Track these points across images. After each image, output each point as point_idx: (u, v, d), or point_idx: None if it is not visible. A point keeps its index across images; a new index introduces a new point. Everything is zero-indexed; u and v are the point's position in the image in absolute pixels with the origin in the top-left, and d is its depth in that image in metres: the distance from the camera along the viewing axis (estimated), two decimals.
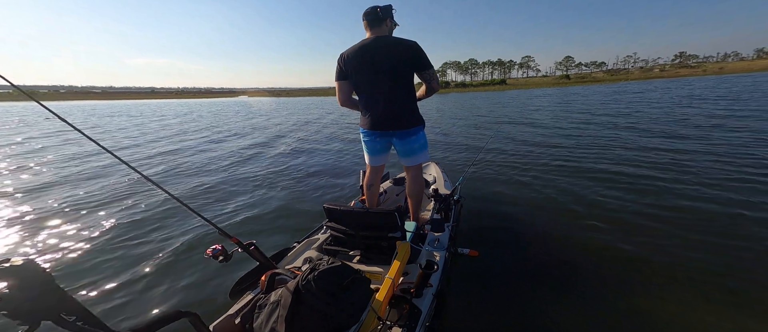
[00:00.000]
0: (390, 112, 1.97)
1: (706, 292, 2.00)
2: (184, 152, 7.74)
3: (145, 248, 2.93)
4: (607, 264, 2.38)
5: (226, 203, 4.09)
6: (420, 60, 1.89)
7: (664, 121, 8.41)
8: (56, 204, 4.17)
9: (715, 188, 3.55)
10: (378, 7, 1.92)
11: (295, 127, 12.80)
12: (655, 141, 6.13)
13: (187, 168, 6.07)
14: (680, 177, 3.96)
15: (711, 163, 4.43)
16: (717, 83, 26.20)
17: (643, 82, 48.14)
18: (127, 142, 9.89)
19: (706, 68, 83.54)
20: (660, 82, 43.13)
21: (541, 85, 62.60)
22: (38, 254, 2.87)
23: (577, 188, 3.88)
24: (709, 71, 70.70)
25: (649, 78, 65.29)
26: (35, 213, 3.87)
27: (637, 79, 66.55)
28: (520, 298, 2.07)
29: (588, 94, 24.79)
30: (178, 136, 10.66)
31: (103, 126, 15.15)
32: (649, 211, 3.11)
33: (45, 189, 4.88)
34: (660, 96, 17.30)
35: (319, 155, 6.93)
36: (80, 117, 21.89)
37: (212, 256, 1.37)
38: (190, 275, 2.47)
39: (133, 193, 4.46)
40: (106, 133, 12.49)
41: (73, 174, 5.76)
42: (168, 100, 75.63)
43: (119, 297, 2.25)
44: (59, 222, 3.57)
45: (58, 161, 6.90)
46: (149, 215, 3.68)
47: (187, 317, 1.10)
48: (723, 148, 5.17)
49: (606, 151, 5.54)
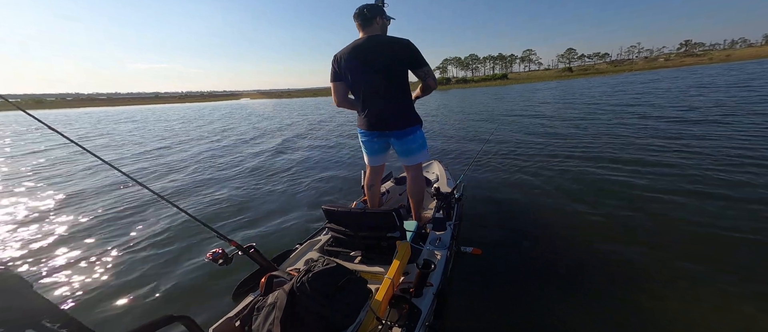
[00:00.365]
0: (386, 112, 1.96)
1: (714, 290, 1.95)
2: (193, 157, 7.78)
3: (143, 253, 2.95)
4: (613, 261, 2.34)
5: (226, 205, 4.11)
6: (414, 58, 1.88)
7: (671, 113, 8.26)
8: (49, 209, 4.22)
9: (722, 184, 3.45)
10: (365, 7, 1.91)
11: (304, 126, 12.89)
12: (662, 134, 6.05)
13: (188, 170, 6.12)
14: (688, 172, 3.86)
15: (722, 156, 4.32)
16: (723, 71, 25.76)
17: (648, 72, 47.50)
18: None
19: (712, 56, 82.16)
20: (666, 71, 42.52)
21: (544, 79, 62.15)
22: (26, 261, 2.86)
23: (582, 184, 3.83)
24: (715, 59, 69.57)
25: (654, 68, 64.43)
26: (25, 217, 3.93)
27: (642, 69, 65.70)
28: (523, 297, 2.05)
29: (591, 86, 24.59)
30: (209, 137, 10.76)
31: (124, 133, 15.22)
32: (657, 209, 3.04)
33: (37, 193, 4.95)
34: (668, 86, 16.98)
35: (322, 155, 6.94)
36: (89, 122, 22.19)
37: (212, 260, 1.38)
38: (190, 279, 2.49)
39: (132, 199, 4.48)
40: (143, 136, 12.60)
41: (61, 176, 5.87)
42: (173, 105, 76.37)
43: (118, 304, 2.26)
44: (51, 227, 3.60)
45: (48, 167, 7.02)
46: (148, 220, 3.70)
47: (179, 321, 1.10)
48: (733, 140, 5.05)
49: (610, 146, 5.47)
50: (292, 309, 1.12)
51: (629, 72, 57.53)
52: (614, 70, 76.34)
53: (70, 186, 5.43)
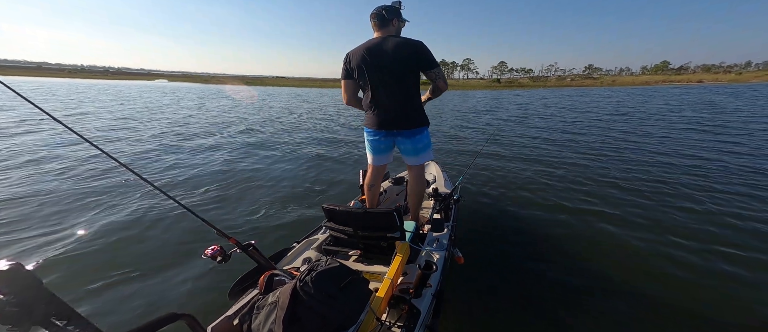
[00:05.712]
0: (396, 112, 1.97)
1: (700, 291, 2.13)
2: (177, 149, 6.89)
3: (141, 249, 2.80)
4: (611, 263, 2.44)
5: (225, 203, 3.90)
6: (426, 59, 1.89)
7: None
8: (47, 202, 3.70)
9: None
10: (383, 8, 1.93)
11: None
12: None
13: (182, 166, 5.50)
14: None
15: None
16: (611, 93, 31.21)
17: (556, 89, 55.03)
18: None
19: (603, 80, 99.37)
20: (568, 89, 49.68)
21: (477, 88, 67.52)
22: (27, 257, 2.62)
23: (584, 187, 4.17)
24: (604, 83, 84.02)
25: (562, 86, 74.87)
26: (25, 212, 3.42)
27: (553, 86, 75.85)
28: (522, 298, 2.09)
29: (516, 96, 27.56)
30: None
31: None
32: (649, 212, 3.34)
33: (34, 186, 4.23)
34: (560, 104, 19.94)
35: (317, 154, 6.70)
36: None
37: (210, 257, 1.34)
38: (188, 276, 2.40)
39: (128, 193, 4.05)
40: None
41: (57, 170, 4.95)
42: (54, 79, 63.41)
43: (114, 300, 2.15)
44: (50, 223, 3.21)
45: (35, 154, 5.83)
46: (145, 215, 3.44)
47: (182, 319, 1.10)
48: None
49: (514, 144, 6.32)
50: (295, 308, 1.11)
51: (543, 88, 65.99)
52: (533, 85, 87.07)
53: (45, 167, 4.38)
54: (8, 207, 3.51)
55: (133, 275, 2.43)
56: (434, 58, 1.93)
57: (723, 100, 17.82)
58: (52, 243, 2.84)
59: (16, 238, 2.90)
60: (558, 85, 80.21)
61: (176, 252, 2.74)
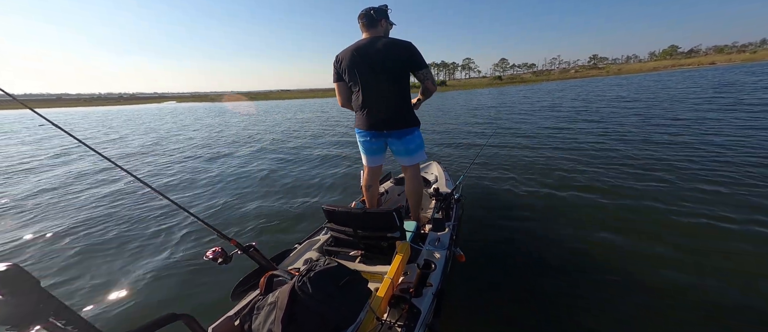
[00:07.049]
0: (386, 113, 1.97)
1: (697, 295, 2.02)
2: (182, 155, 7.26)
3: (143, 251, 2.86)
4: (612, 261, 2.37)
5: (225, 204, 4.00)
6: (415, 59, 1.90)
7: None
8: (49, 205, 3.94)
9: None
10: (372, 8, 1.94)
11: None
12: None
13: (186, 171, 5.84)
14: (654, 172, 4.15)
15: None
16: (618, 81, 30.53)
17: (560, 82, 53.76)
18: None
19: (608, 70, 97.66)
20: (573, 81, 48.43)
21: (478, 86, 67.14)
22: (28, 258, 2.75)
23: (587, 185, 3.93)
24: (610, 72, 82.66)
25: (566, 78, 73.46)
26: (27, 214, 3.65)
27: (557, 79, 74.65)
28: (523, 297, 2.07)
29: (518, 92, 27.17)
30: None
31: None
32: (654, 212, 3.11)
33: (35, 190, 4.57)
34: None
35: (316, 156, 6.81)
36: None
37: (212, 259, 1.35)
38: (190, 278, 2.44)
39: (130, 196, 4.23)
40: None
41: (63, 175, 5.36)
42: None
43: (116, 302, 2.20)
44: (52, 224, 3.38)
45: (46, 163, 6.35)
46: (147, 218, 3.56)
47: (181, 319, 1.11)
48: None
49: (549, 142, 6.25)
50: (293, 308, 1.13)
51: (546, 81, 65.20)
52: (535, 79, 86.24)
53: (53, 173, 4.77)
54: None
55: (133, 275, 2.48)
56: (423, 58, 1.93)
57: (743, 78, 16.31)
58: (52, 243, 3.00)
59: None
60: (562, 78, 79.28)
61: (176, 253, 2.80)
